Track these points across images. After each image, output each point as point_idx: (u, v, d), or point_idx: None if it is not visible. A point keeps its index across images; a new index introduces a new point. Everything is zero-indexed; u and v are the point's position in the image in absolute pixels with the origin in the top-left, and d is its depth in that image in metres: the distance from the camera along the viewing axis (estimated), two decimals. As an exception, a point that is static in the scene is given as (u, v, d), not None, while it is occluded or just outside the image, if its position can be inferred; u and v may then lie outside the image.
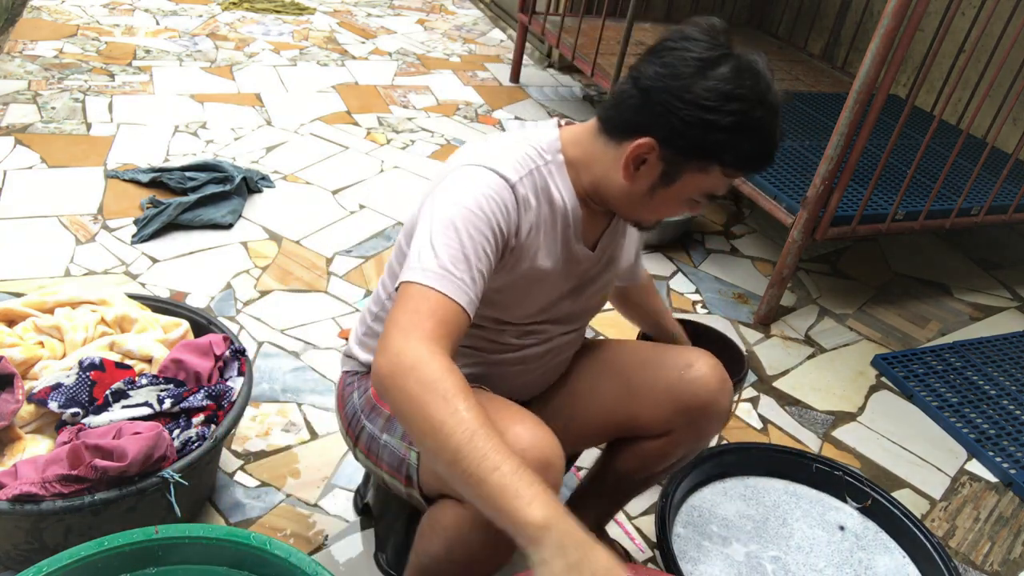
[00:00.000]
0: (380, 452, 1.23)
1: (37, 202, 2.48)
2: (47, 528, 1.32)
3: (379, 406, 1.25)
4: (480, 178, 1.07)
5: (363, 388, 1.29)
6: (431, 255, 1.00)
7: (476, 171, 1.08)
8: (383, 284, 1.31)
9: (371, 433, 1.24)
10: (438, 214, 1.04)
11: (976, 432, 2.14)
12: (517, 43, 3.97)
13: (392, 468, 1.21)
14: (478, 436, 0.87)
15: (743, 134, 1.04)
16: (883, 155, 2.31)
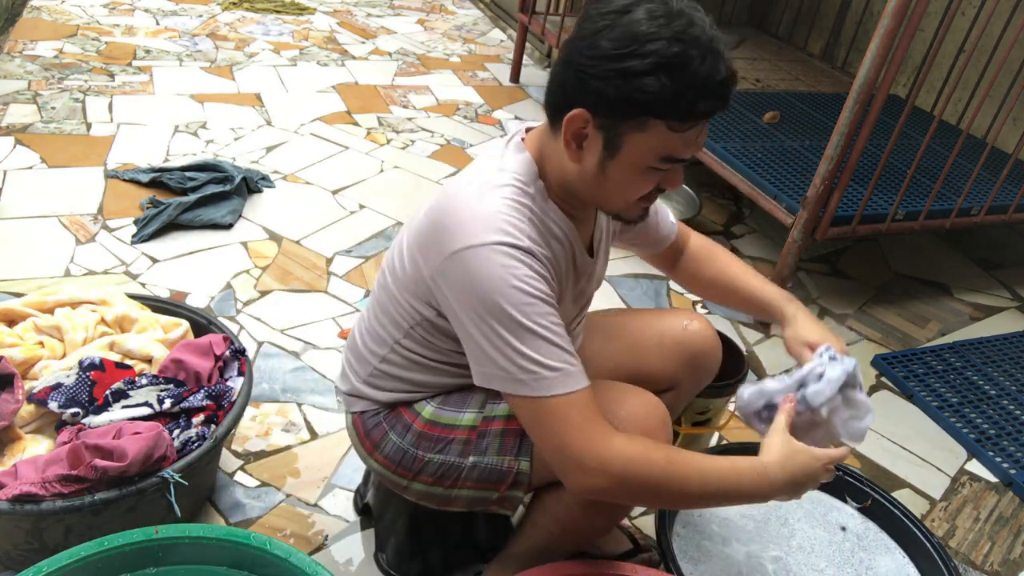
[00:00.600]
0: (463, 475, 1.24)
1: (37, 202, 2.48)
2: (47, 528, 1.32)
3: (444, 435, 1.23)
4: (503, 262, 1.02)
5: (401, 425, 1.26)
6: (530, 363, 1.02)
7: (492, 255, 1.02)
8: (384, 325, 1.25)
9: (445, 462, 1.23)
10: (497, 320, 1.02)
11: (976, 432, 2.14)
12: (517, 43, 3.97)
13: (482, 483, 1.24)
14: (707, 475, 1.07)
15: (664, 75, 0.95)
16: (883, 155, 2.31)
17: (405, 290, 1.18)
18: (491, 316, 1.02)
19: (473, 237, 1.03)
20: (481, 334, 1.04)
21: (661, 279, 2.63)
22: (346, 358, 1.36)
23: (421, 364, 1.24)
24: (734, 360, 1.80)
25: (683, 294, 2.58)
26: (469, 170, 1.16)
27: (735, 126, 2.98)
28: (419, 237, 1.13)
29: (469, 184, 1.11)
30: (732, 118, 3.05)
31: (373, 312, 1.28)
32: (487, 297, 1.02)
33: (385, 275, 1.25)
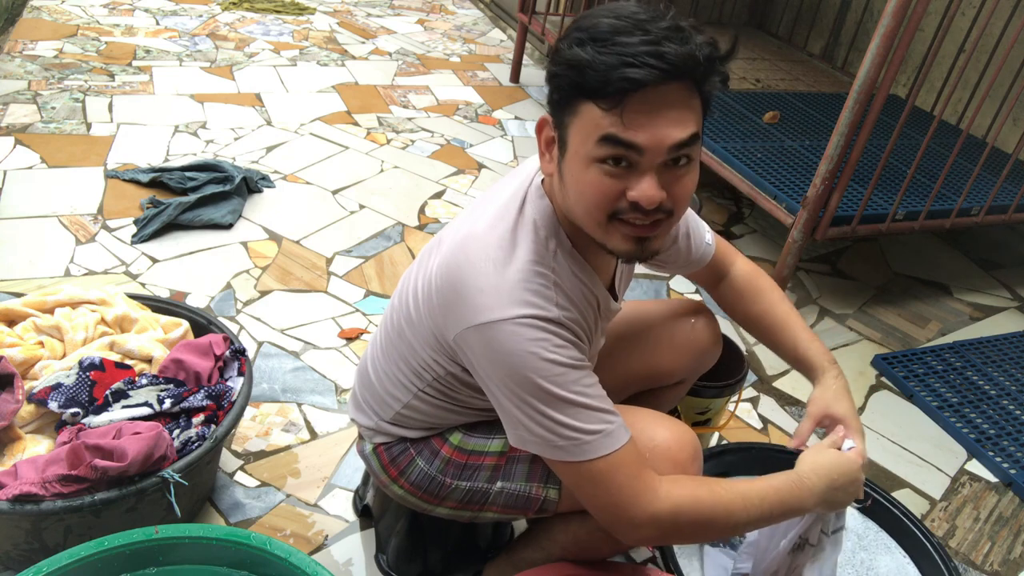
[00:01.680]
0: (490, 500, 1.24)
1: (37, 202, 2.48)
2: (47, 528, 1.32)
3: (472, 462, 1.22)
4: (531, 335, 0.98)
5: (429, 451, 1.25)
6: (569, 431, 1.01)
7: (519, 329, 0.98)
8: (404, 373, 1.20)
9: (473, 488, 1.23)
10: (530, 394, 0.99)
11: (976, 432, 2.14)
12: (517, 43, 3.97)
13: (508, 508, 1.24)
14: (749, 499, 1.08)
15: (586, 47, 0.90)
16: (883, 155, 2.31)
17: (425, 344, 1.13)
18: (523, 390, 1.00)
19: (498, 311, 0.98)
20: (514, 405, 1.02)
21: (661, 279, 2.63)
22: (362, 396, 1.31)
23: (448, 408, 1.21)
24: (734, 360, 1.80)
25: (683, 294, 2.58)
26: (486, 218, 1.07)
27: (735, 126, 2.98)
28: (434, 294, 1.07)
29: (488, 246, 1.03)
30: (732, 118, 3.05)
31: (390, 356, 1.23)
32: (517, 372, 0.99)
33: (399, 320, 1.19)
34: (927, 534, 1.51)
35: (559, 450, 1.03)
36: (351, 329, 2.16)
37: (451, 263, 1.05)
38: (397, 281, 2.37)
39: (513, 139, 3.42)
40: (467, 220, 1.11)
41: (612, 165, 0.94)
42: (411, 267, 1.23)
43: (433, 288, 1.08)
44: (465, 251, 1.04)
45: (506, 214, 1.06)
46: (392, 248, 2.55)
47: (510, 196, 1.09)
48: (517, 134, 3.48)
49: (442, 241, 1.13)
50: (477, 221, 1.07)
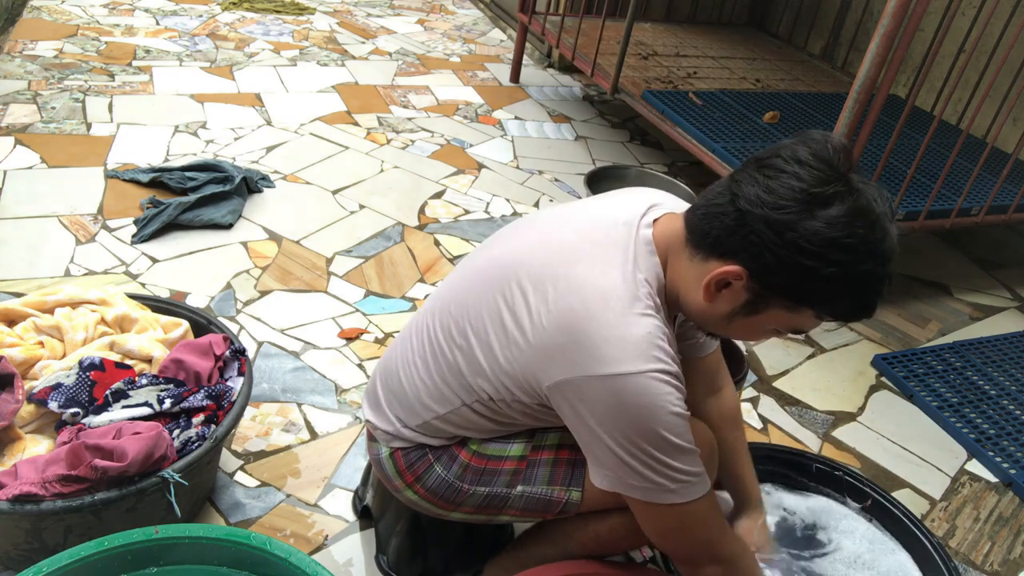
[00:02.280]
0: (508, 504, 1.24)
1: (37, 202, 2.48)
2: (47, 528, 1.32)
3: (492, 467, 1.22)
4: (661, 390, 1.00)
5: (447, 458, 1.23)
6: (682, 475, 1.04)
7: (651, 383, 0.99)
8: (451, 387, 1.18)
9: (492, 493, 1.23)
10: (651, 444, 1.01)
11: (976, 432, 2.14)
12: (517, 43, 3.97)
13: (527, 511, 1.25)
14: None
15: (844, 287, 0.95)
16: (883, 155, 2.31)
17: (503, 373, 1.11)
18: (644, 440, 1.01)
19: (629, 363, 0.99)
20: (627, 453, 1.03)
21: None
22: (386, 399, 1.28)
23: (488, 424, 1.20)
24: (734, 360, 1.80)
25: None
26: (597, 261, 1.05)
27: (735, 126, 2.98)
28: (538, 333, 1.05)
29: (606, 296, 1.02)
30: (732, 118, 3.05)
31: (435, 368, 1.19)
32: (643, 424, 1.00)
33: (466, 337, 1.15)
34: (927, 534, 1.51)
35: (666, 492, 1.05)
36: (351, 329, 2.16)
37: (567, 308, 1.03)
38: (398, 281, 2.38)
39: (513, 139, 3.42)
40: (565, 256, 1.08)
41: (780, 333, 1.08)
42: (471, 282, 1.17)
43: (537, 325, 1.05)
44: (581, 298, 1.02)
45: (617, 262, 1.05)
46: (392, 248, 2.55)
47: (617, 242, 1.07)
48: (517, 134, 3.48)
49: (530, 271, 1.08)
50: (582, 263, 1.05)
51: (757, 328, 1.06)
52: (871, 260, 0.94)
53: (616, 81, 3.15)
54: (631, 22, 3.09)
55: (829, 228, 0.92)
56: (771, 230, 0.94)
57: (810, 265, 0.93)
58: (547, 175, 3.17)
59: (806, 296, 0.98)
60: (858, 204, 0.93)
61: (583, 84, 4.19)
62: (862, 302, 0.98)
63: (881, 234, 0.94)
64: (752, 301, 1.01)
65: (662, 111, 2.99)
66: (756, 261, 0.97)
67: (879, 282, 0.97)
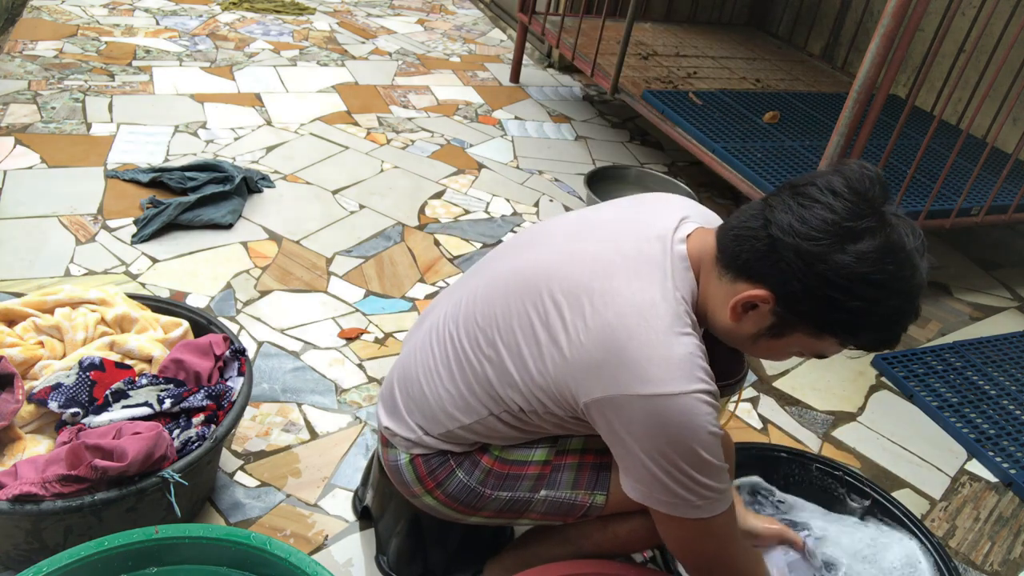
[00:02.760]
0: (531, 507, 1.24)
1: (37, 202, 2.48)
2: (47, 528, 1.32)
3: (514, 472, 1.22)
4: (703, 411, 1.00)
5: (469, 464, 1.22)
6: (709, 491, 1.05)
7: (694, 404, 1.00)
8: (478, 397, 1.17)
9: (514, 498, 1.23)
10: (686, 461, 1.02)
11: (976, 432, 2.14)
12: (517, 43, 3.97)
13: (549, 514, 1.25)
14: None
15: (869, 320, 0.97)
16: (883, 155, 2.31)
17: (535, 386, 1.10)
18: (680, 458, 1.02)
19: (672, 384, 0.99)
20: (659, 468, 1.03)
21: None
22: (406, 407, 1.26)
23: (515, 432, 1.19)
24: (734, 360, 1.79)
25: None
26: (633, 276, 1.05)
27: (735, 126, 2.98)
28: (574, 349, 1.04)
29: (646, 314, 1.02)
30: (732, 118, 3.05)
31: (460, 377, 1.18)
32: (683, 443, 1.01)
33: (496, 347, 1.13)
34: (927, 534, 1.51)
35: (692, 507, 1.06)
36: (351, 329, 2.16)
37: (605, 325, 1.03)
38: (397, 281, 2.38)
39: (513, 139, 3.42)
40: (598, 269, 1.07)
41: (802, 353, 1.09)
42: (497, 291, 1.16)
43: (575, 342, 1.04)
44: (620, 315, 1.02)
45: (656, 280, 1.05)
46: (392, 248, 2.55)
47: (653, 258, 1.07)
48: (517, 134, 3.48)
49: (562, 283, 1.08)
50: (618, 278, 1.05)
51: (780, 350, 1.08)
52: (898, 297, 0.95)
53: (616, 81, 3.15)
54: (631, 22, 3.09)
55: (859, 263, 0.93)
56: (801, 260, 0.95)
57: (837, 297, 0.95)
58: (547, 175, 3.17)
59: (830, 326, 1.00)
60: (890, 240, 0.94)
61: (583, 84, 4.19)
62: (886, 335, 1.00)
63: (911, 271, 0.95)
64: (777, 325, 1.02)
65: (662, 111, 2.99)
66: (784, 288, 0.98)
67: (905, 317, 0.98)
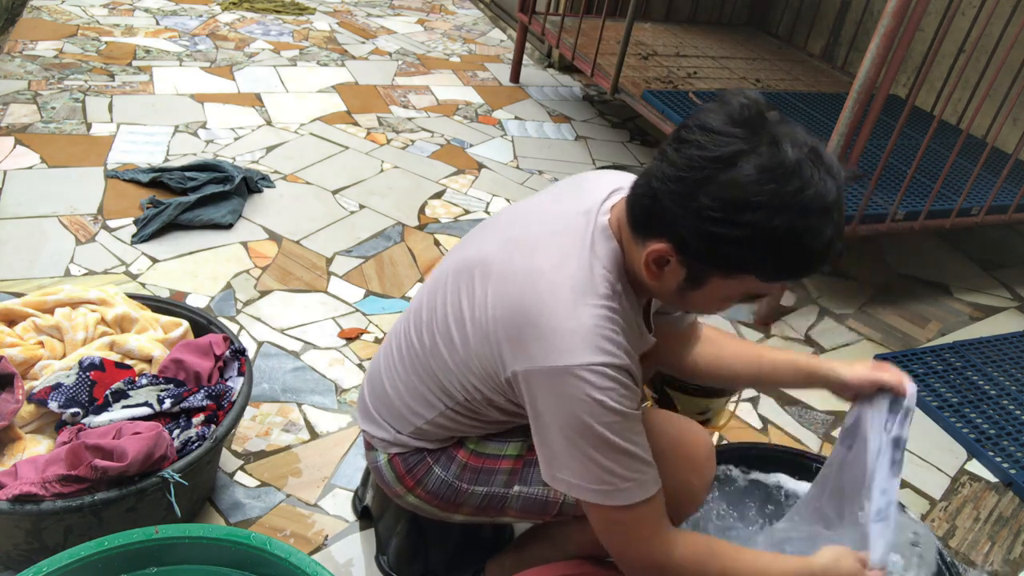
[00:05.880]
0: (507, 504, 1.24)
1: (37, 202, 2.48)
2: (47, 528, 1.32)
3: (488, 466, 1.22)
4: (603, 384, 0.98)
5: (445, 459, 1.23)
6: (610, 476, 1.02)
7: (592, 378, 0.97)
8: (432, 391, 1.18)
9: (489, 493, 1.23)
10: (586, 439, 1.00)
11: (976, 432, 2.14)
12: (517, 43, 3.97)
13: (526, 512, 1.24)
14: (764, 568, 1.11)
15: (762, 247, 0.91)
16: (883, 155, 2.31)
17: (468, 371, 1.11)
18: (579, 434, 1.00)
19: (573, 356, 0.97)
20: (560, 443, 1.02)
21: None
22: (375, 409, 1.28)
23: (473, 423, 1.20)
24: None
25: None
26: (553, 251, 1.04)
27: (735, 126, 2.97)
28: (493, 325, 1.05)
29: (559, 285, 1.01)
30: (732, 118, 3.04)
31: (414, 373, 1.20)
32: (580, 417, 0.99)
33: (432, 339, 1.15)
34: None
35: (589, 492, 1.04)
36: (351, 329, 2.16)
37: (517, 298, 1.02)
38: (398, 281, 2.38)
39: (513, 139, 3.42)
40: (524, 248, 1.07)
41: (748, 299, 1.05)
42: (440, 286, 1.17)
43: (492, 318, 1.05)
44: (535, 288, 1.01)
45: (574, 251, 1.04)
46: (392, 248, 2.55)
47: (576, 231, 1.06)
48: (517, 134, 3.48)
49: (489, 266, 1.08)
50: (539, 253, 1.05)
51: (711, 300, 1.03)
52: (787, 214, 0.88)
53: (616, 81, 3.15)
54: (631, 22, 3.09)
55: (732, 189, 0.88)
56: (675, 203, 0.93)
57: (722, 232, 0.90)
58: (547, 175, 3.17)
59: (735, 262, 0.94)
60: (768, 159, 0.88)
61: (583, 84, 4.19)
62: (799, 261, 0.93)
63: (798, 185, 0.88)
64: (691, 275, 0.99)
65: (662, 111, 2.99)
66: (675, 235, 0.95)
67: (810, 235, 0.90)
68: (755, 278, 0.97)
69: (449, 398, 1.17)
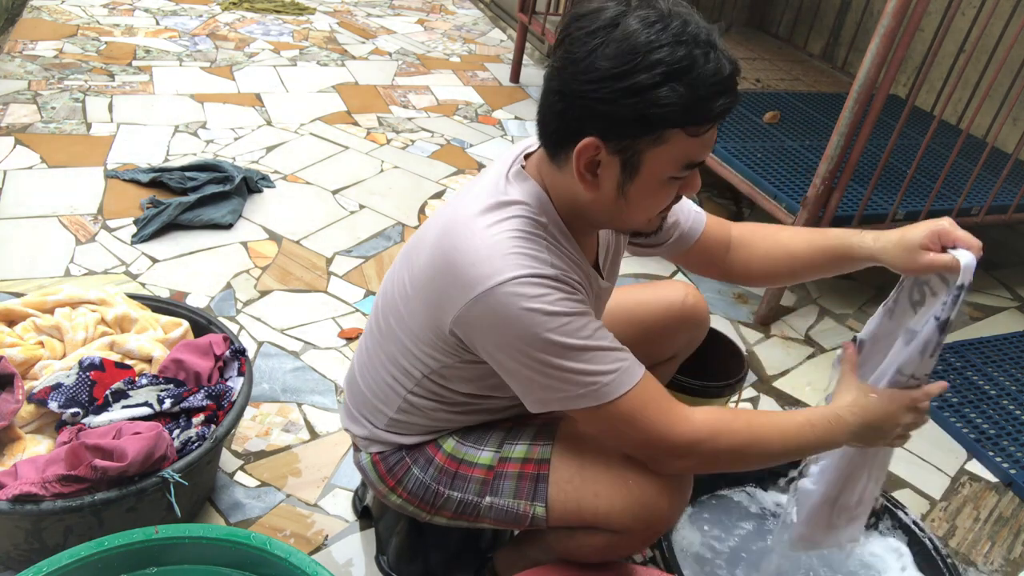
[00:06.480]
0: (480, 512, 1.24)
1: (37, 202, 2.48)
2: (47, 528, 1.32)
3: (463, 472, 1.22)
4: (530, 292, 0.97)
5: (424, 459, 1.25)
6: (587, 376, 1.00)
7: (517, 289, 0.97)
8: (393, 376, 1.21)
9: (463, 499, 1.23)
10: (542, 351, 0.99)
11: (976, 432, 2.14)
12: (517, 43, 3.97)
13: (500, 521, 1.24)
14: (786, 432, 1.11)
15: (676, 83, 0.91)
16: (883, 155, 2.31)
17: (417, 339, 1.13)
18: (534, 348, 0.99)
19: (492, 276, 0.98)
20: (526, 367, 1.01)
21: (662, 279, 2.63)
22: (354, 406, 1.31)
23: (439, 407, 1.21)
24: (734, 360, 1.80)
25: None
26: (467, 204, 1.07)
27: (735, 126, 2.98)
28: (426, 285, 1.08)
29: (472, 220, 1.03)
30: (732, 118, 3.04)
31: (377, 361, 1.23)
32: (526, 332, 0.98)
33: (386, 322, 1.19)
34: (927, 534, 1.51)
35: (581, 398, 1.02)
36: (351, 329, 2.16)
37: (439, 250, 1.05)
38: (397, 281, 2.38)
39: (513, 139, 3.42)
40: (448, 211, 1.11)
41: (679, 179, 1.03)
42: (391, 271, 1.23)
43: (425, 279, 1.08)
44: (451, 236, 1.04)
45: (488, 196, 1.06)
46: (392, 248, 2.55)
47: (489, 183, 1.08)
48: (517, 134, 3.48)
49: (423, 239, 1.14)
50: (457, 209, 1.07)
51: (651, 186, 1.01)
52: (682, 46, 0.91)
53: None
54: (631, 22, 3.09)
55: (624, 42, 0.91)
56: (583, 82, 0.93)
57: (632, 84, 0.91)
58: (547, 175, 3.17)
59: (661, 119, 0.93)
60: (643, 11, 0.93)
61: (583, 84, 4.18)
62: (704, 85, 0.92)
63: (680, 23, 0.92)
64: (625, 162, 0.98)
65: (662, 111, 2.99)
66: (596, 120, 0.95)
67: (705, 62, 0.92)
68: (684, 133, 0.95)
69: (409, 378, 1.19)
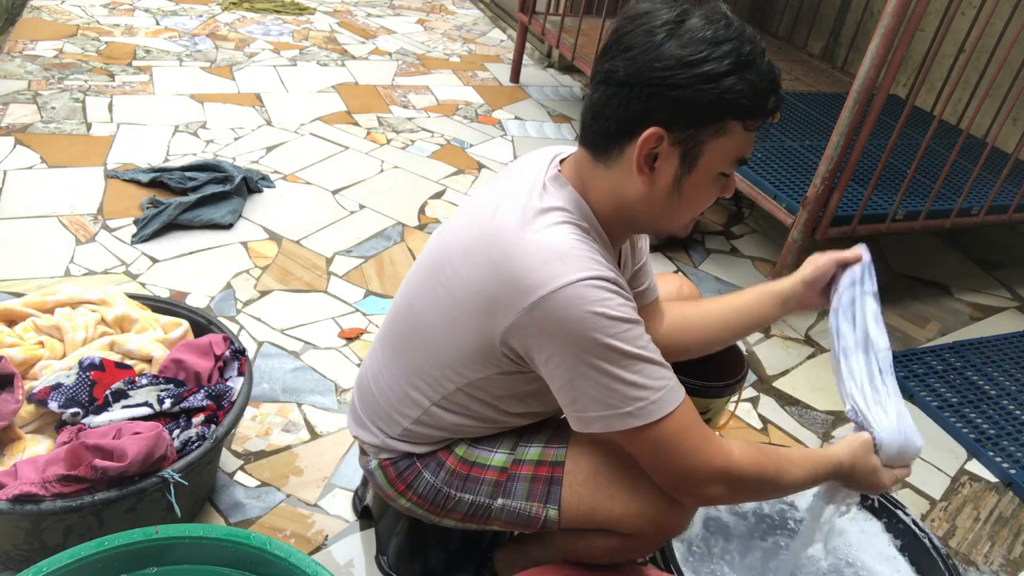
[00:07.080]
0: (491, 514, 1.23)
1: (37, 202, 2.48)
2: (47, 528, 1.32)
3: (475, 475, 1.22)
4: (595, 296, 0.97)
5: (434, 464, 1.24)
6: (637, 390, 1.00)
7: (583, 291, 0.96)
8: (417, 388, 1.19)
9: (475, 502, 1.23)
10: (600, 357, 0.98)
11: (976, 432, 2.14)
12: (517, 43, 3.97)
13: (510, 523, 1.24)
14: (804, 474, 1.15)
15: (744, 72, 0.97)
16: (883, 155, 2.31)
17: (460, 351, 1.11)
18: (592, 355, 0.98)
19: (554, 279, 0.97)
20: (581, 376, 1.00)
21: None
22: (365, 413, 1.30)
23: (464, 424, 1.20)
24: (734, 360, 1.80)
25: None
26: (508, 212, 1.05)
27: (735, 126, 2.98)
28: (473, 297, 1.06)
29: (521, 228, 1.02)
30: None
31: (400, 372, 1.21)
32: (585, 336, 0.97)
33: (417, 334, 1.17)
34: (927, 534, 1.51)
35: (628, 417, 1.01)
36: (351, 329, 2.16)
37: (487, 259, 1.03)
38: (398, 281, 2.38)
39: (513, 139, 3.42)
40: (481, 219, 1.08)
41: (725, 176, 1.07)
42: (413, 283, 1.20)
43: (471, 291, 1.06)
44: (501, 245, 1.02)
45: (529, 203, 1.05)
46: (392, 248, 2.55)
47: (525, 190, 1.08)
48: (517, 134, 3.48)
49: (451, 249, 1.11)
50: (498, 217, 1.06)
51: (704, 180, 1.04)
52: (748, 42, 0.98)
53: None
54: (631, 22, 3.09)
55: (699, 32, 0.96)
56: (657, 70, 0.97)
57: (707, 70, 0.96)
58: (547, 175, 3.17)
59: (728, 106, 0.98)
60: (708, 10, 0.99)
61: (583, 84, 4.19)
62: (764, 81, 0.99)
63: (740, 23, 0.99)
64: (686, 152, 1.01)
65: (662, 111, 2.99)
66: (663, 109, 0.98)
67: (763, 61, 0.99)
68: (741, 127, 1.00)
69: (436, 391, 1.17)
